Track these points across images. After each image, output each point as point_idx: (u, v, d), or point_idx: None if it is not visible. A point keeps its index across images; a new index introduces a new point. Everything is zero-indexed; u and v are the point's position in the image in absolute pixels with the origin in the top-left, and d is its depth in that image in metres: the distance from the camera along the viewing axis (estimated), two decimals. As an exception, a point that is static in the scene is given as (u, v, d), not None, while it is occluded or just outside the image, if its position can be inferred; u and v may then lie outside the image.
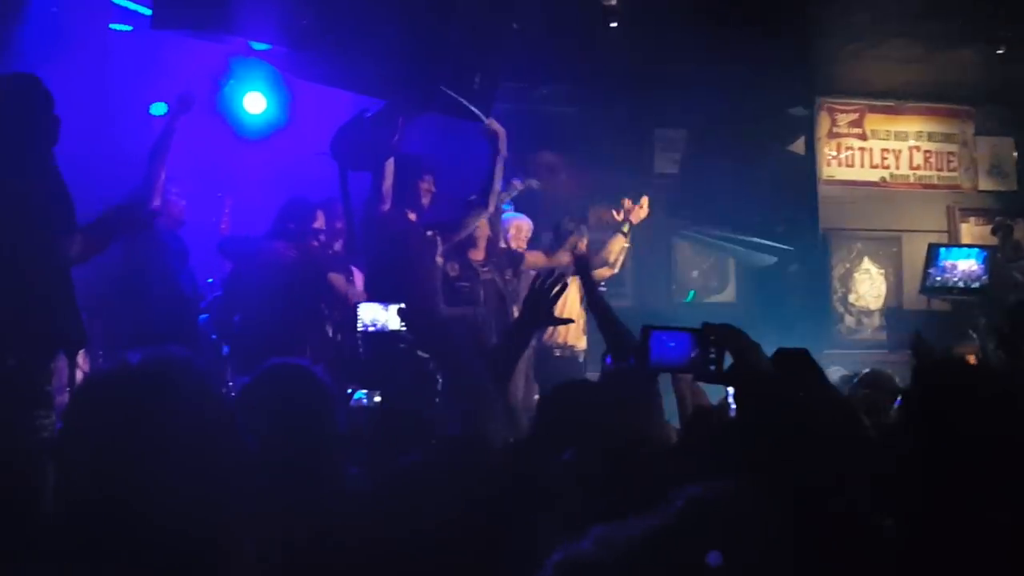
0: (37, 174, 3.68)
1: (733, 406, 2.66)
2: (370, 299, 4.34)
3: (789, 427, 1.81)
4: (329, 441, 2.16)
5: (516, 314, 5.63)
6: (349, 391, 4.30)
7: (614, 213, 6.31)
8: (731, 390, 2.73)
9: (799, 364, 2.09)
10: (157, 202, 4.14)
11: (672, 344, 2.10)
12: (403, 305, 3.05)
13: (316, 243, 5.35)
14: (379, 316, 3.36)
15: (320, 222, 5.50)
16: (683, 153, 7.79)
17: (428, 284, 4.86)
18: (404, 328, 2.98)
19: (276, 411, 2.12)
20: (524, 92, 7.08)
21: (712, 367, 2.04)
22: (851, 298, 8.11)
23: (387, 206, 4.81)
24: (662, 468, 2.10)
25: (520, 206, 6.42)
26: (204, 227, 6.63)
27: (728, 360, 2.02)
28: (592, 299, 3.43)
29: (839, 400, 2.22)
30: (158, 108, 6.36)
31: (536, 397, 4.97)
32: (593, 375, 4.83)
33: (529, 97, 7.26)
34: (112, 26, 6.14)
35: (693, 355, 2.08)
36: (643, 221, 6.53)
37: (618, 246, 6.31)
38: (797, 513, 1.35)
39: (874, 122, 8.22)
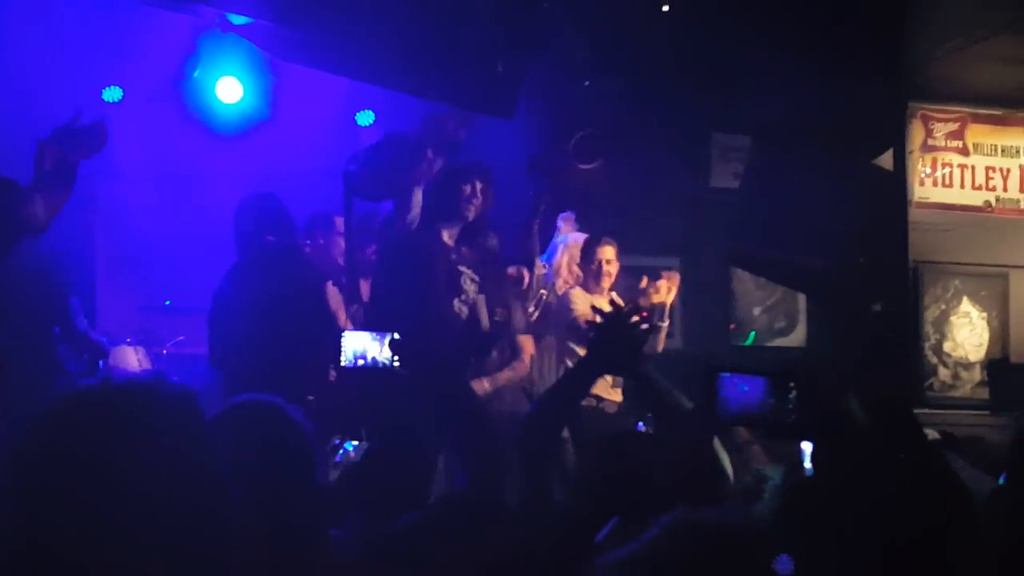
0: None
1: (809, 467, 2.54)
2: (365, 327, 4.27)
3: (886, 496, 1.78)
4: (307, 498, 2.08)
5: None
6: (337, 441, 4.21)
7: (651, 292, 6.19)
8: (806, 447, 2.64)
9: (897, 420, 2.04)
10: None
11: (745, 389, 2.08)
12: (397, 335, 2.94)
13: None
14: (370, 348, 3.24)
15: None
16: (746, 164, 7.67)
17: (439, 316, 4.81)
18: (398, 364, 2.87)
19: (240, 460, 2.03)
20: (552, 88, 7.03)
21: (793, 418, 2.01)
22: (946, 346, 7.96)
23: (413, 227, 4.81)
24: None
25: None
26: (168, 238, 6.59)
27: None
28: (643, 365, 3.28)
29: (945, 468, 2.12)
30: (112, 93, 6.35)
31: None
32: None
33: (559, 93, 7.21)
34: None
35: (769, 403, 2.05)
36: (695, 245, 6.47)
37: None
38: None
39: (978, 134, 8.11)
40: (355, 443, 4.30)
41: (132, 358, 6.64)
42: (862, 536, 1.72)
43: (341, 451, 4.26)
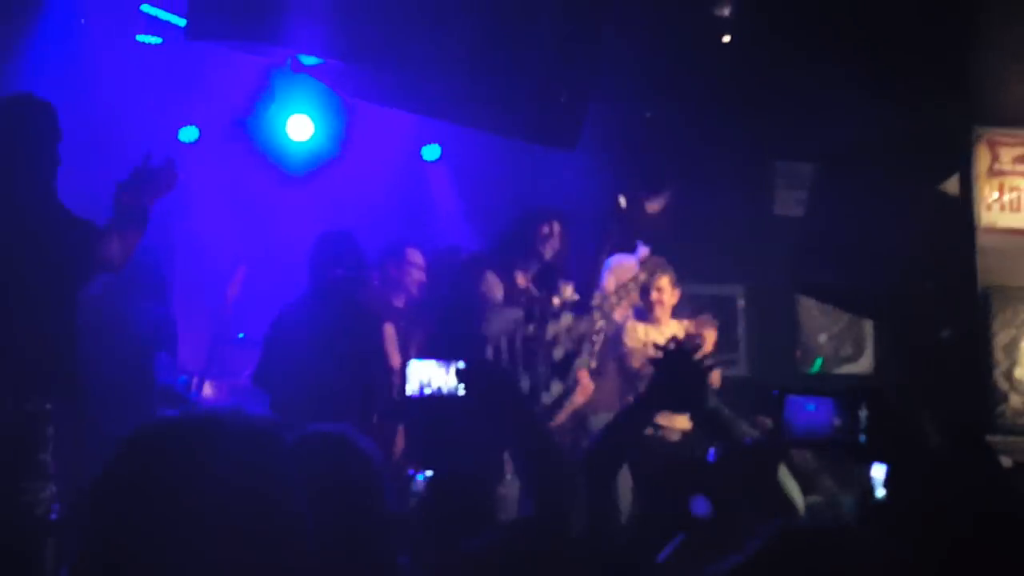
0: (38, 201, 3.83)
1: (882, 490, 2.53)
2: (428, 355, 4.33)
3: (963, 524, 1.76)
4: (376, 526, 2.11)
5: None
6: (411, 471, 4.25)
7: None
8: (877, 473, 2.61)
9: (971, 442, 2.02)
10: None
11: (812, 410, 2.05)
12: (463, 363, 2.98)
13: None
14: (435, 377, 3.29)
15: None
16: (810, 191, 7.64)
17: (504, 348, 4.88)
18: (465, 392, 2.91)
19: (312, 490, 2.07)
20: (613, 116, 7.07)
21: (862, 439, 1.99)
22: (1018, 373, 7.79)
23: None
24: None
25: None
26: (235, 270, 6.72)
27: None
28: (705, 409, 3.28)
29: (1020, 494, 2.10)
30: (188, 133, 6.52)
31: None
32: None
33: (620, 121, 7.25)
34: (140, 38, 6.31)
35: (837, 424, 2.02)
36: (760, 272, 6.43)
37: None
38: None
39: (1046, 157, 7.97)
40: (429, 473, 4.34)
41: (207, 391, 6.78)
42: (935, 562, 1.70)
43: (415, 481, 4.30)
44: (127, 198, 4.15)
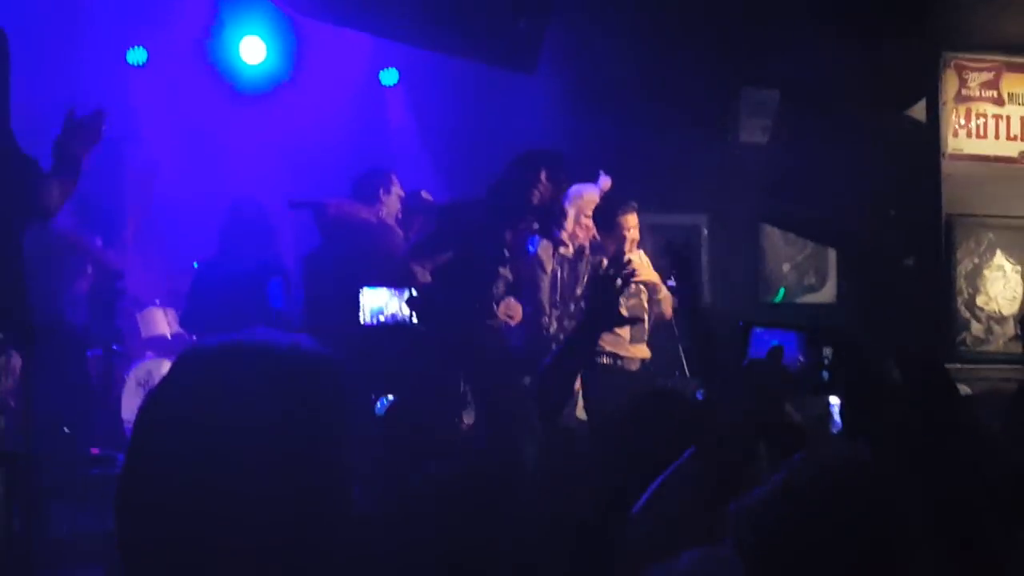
0: None
1: (838, 421, 2.51)
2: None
3: (924, 456, 1.75)
4: (337, 453, 2.06)
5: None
6: (373, 396, 4.21)
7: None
8: (835, 402, 2.60)
9: (931, 378, 1.99)
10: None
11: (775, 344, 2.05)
12: (415, 293, 2.92)
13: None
14: (389, 305, 3.22)
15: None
16: (775, 119, 7.57)
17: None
18: (416, 320, 2.85)
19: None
20: (576, 44, 6.94)
21: (825, 375, 2.00)
22: (980, 300, 7.83)
23: None
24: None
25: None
26: (194, 199, 6.60)
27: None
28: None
29: (978, 424, 2.07)
30: (136, 55, 6.34)
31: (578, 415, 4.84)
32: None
33: (582, 50, 7.12)
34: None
35: (802, 360, 2.02)
36: (724, 202, 6.36)
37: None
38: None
39: (1013, 83, 7.93)
40: (390, 398, 4.29)
41: (162, 320, 6.68)
42: (896, 494, 1.67)
43: (378, 406, 4.26)
44: (59, 147, 4.07)
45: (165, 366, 6.72)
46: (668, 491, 2.03)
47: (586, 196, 5.99)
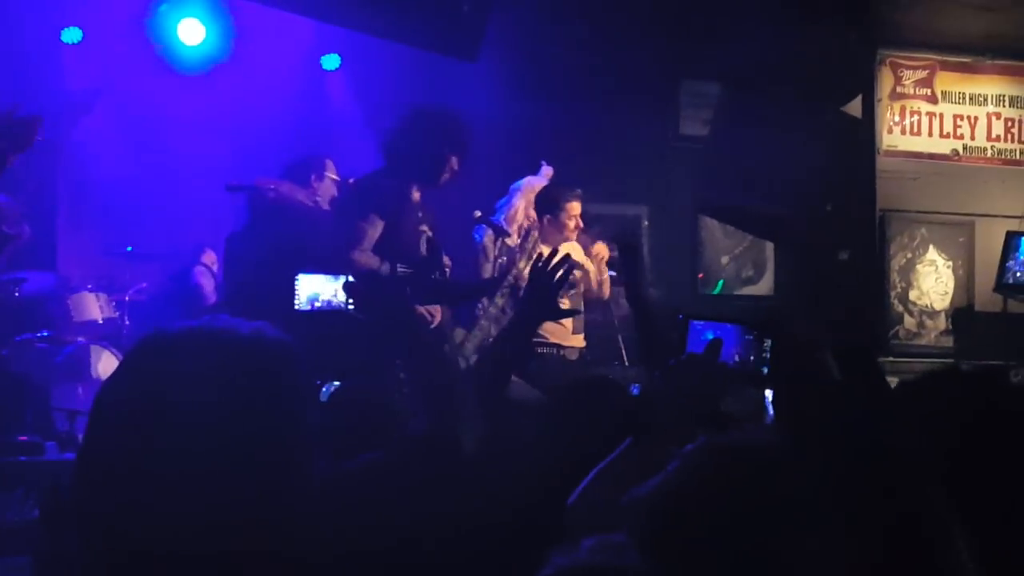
0: None
1: (771, 412, 2.54)
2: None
3: (858, 451, 1.76)
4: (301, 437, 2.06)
5: None
6: (318, 382, 4.21)
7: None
8: (769, 395, 2.61)
9: (863, 368, 2.02)
10: None
11: (714, 337, 2.03)
12: (351, 278, 2.91)
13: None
14: (324, 290, 3.20)
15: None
16: (715, 112, 7.63)
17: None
18: (352, 306, 2.83)
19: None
20: (519, 33, 6.94)
21: (765, 368, 1.99)
22: (912, 295, 7.98)
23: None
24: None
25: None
26: (129, 182, 6.50)
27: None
28: (636, 296, 3.22)
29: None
30: (71, 34, 6.22)
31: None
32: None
33: (526, 39, 7.12)
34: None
35: (740, 353, 2.02)
36: (663, 193, 6.41)
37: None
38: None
39: (946, 82, 8.08)
40: (336, 383, 4.27)
41: (94, 304, 6.56)
42: (825, 483, 1.69)
43: (323, 391, 4.24)
44: None
45: (97, 352, 6.60)
46: (603, 481, 2.04)
47: (537, 187, 6.03)
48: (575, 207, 6.05)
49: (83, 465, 1.28)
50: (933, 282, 8.00)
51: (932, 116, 8.06)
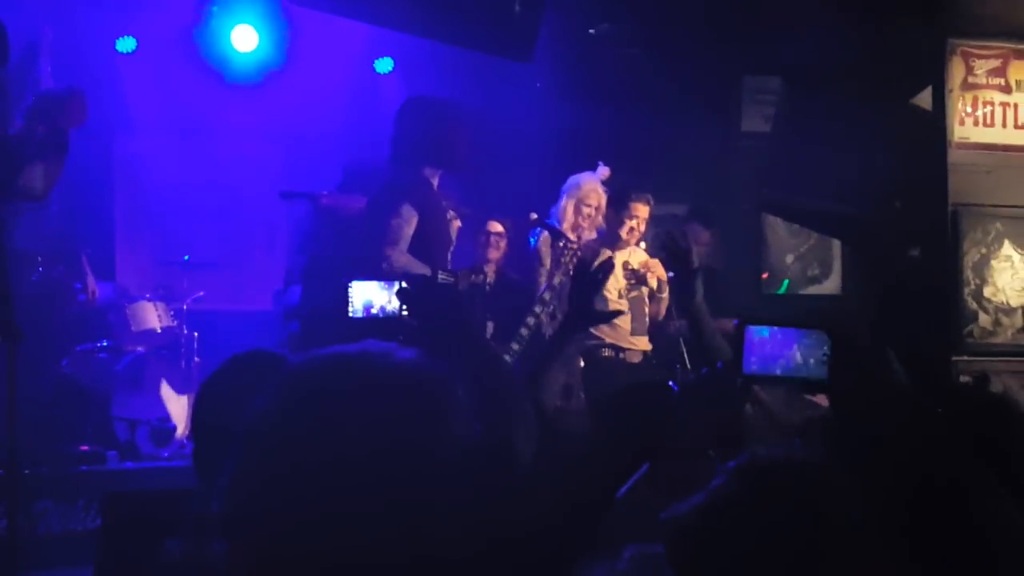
0: None
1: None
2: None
3: (928, 464, 1.71)
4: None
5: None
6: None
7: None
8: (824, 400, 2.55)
9: (934, 375, 1.98)
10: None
11: (777, 342, 2.00)
12: (405, 284, 2.89)
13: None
14: (377, 297, 3.21)
15: None
16: (778, 107, 7.55)
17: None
18: (407, 313, 2.82)
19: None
20: (573, 32, 6.92)
21: (825, 373, 1.96)
22: (987, 292, 7.81)
23: None
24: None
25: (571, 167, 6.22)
26: (185, 191, 6.57)
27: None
28: (686, 308, 3.18)
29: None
30: (125, 44, 6.32)
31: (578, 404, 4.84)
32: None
33: (580, 38, 7.09)
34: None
35: (800, 357, 1.99)
36: (726, 193, 6.34)
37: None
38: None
39: (1021, 71, 7.90)
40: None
41: (152, 314, 6.65)
42: (873, 503, 1.65)
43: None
44: (43, 126, 4.04)
45: (155, 361, 6.68)
46: (626, 506, 2.04)
47: (584, 186, 5.97)
48: (640, 209, 6.01)
49: (236, 490, 1.26)
50: (1009, 278, 7.83)
51: (1006, 106, 7.88)
